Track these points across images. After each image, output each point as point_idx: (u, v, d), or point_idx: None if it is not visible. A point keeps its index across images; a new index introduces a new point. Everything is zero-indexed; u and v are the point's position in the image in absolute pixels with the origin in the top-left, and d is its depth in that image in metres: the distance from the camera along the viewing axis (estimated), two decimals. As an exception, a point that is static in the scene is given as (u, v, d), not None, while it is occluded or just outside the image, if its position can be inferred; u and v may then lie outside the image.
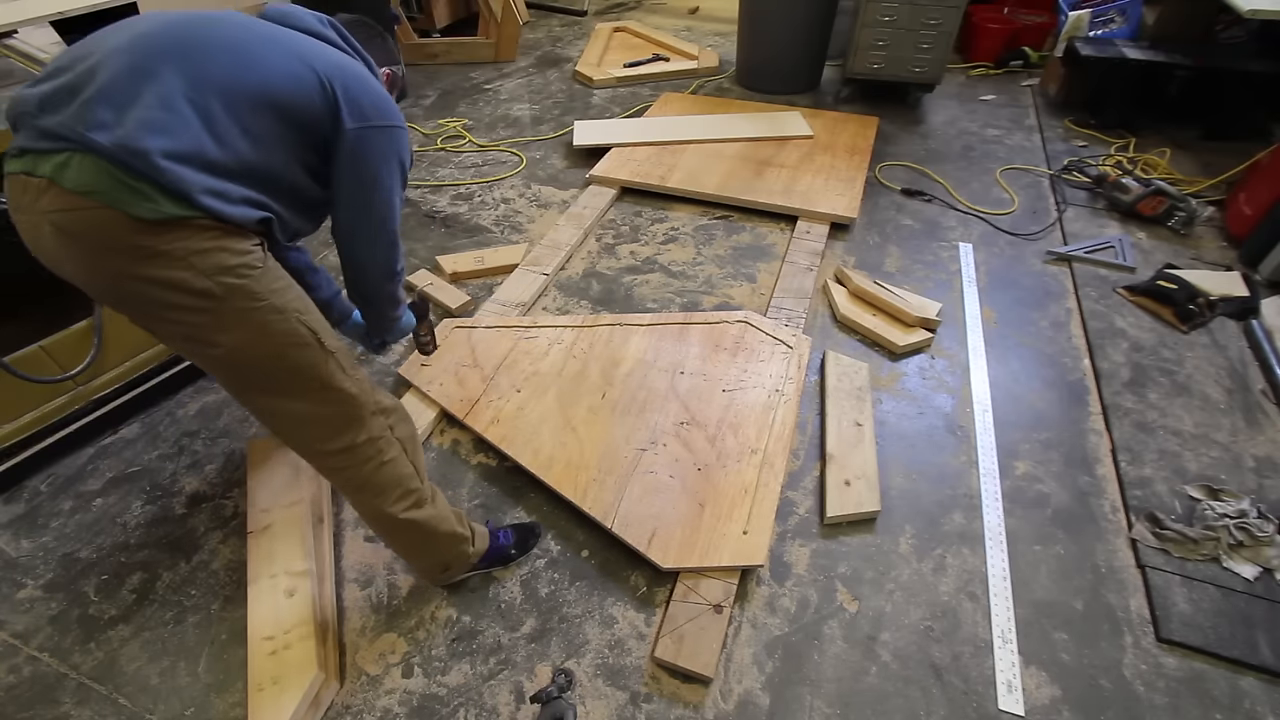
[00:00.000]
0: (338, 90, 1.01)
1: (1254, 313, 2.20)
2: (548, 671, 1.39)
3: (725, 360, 2.01)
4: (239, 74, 0.94)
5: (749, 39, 3.67)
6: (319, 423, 1.13)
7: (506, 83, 3.97)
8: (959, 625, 1.46)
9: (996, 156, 3.17)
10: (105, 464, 1.80)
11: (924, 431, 1.88)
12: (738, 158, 3.01)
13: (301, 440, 1.17)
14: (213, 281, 0.93)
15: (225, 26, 0.99)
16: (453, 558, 1.41)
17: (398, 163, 1.13)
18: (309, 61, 1.00)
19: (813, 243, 2.54)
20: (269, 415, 1.13)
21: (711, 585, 1.48)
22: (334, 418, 1.13)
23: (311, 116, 1.00)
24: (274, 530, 1.57)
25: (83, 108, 0.87)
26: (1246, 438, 1.85)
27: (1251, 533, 1.57)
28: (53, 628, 1.46)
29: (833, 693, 1.36)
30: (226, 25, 0.99)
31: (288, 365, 1.05)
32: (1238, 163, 2.73)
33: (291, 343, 1.04)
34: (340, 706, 1.34)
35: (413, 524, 1.28)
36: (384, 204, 1.13)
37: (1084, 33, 3.39)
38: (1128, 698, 1.35)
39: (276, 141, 0.98)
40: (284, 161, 1.01)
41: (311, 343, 1.06)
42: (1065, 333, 2.21)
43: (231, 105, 0.93)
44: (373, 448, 1.18)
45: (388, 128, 1.09)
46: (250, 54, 0.96)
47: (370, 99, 1.06)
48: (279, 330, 1.02)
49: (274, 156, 0.99)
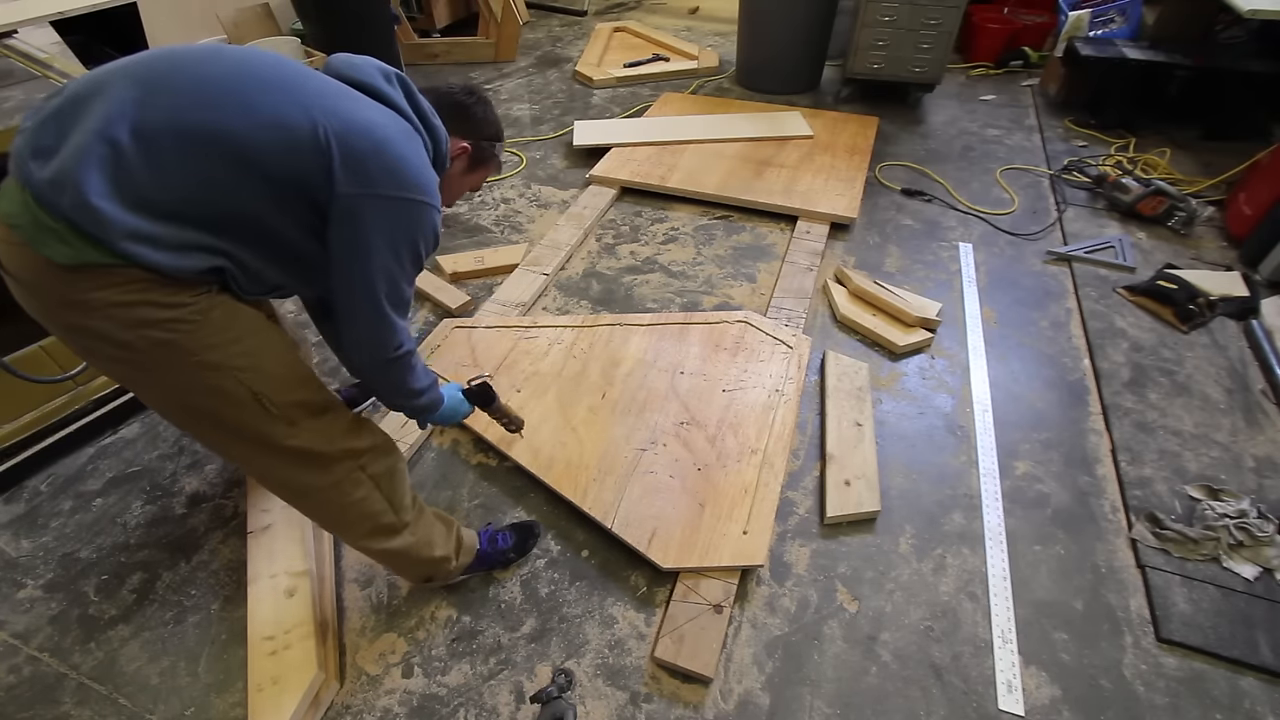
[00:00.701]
0: (335, 149, 0.90)
1: (1254, 313, 2.20)
2: (548, 671, 1.39)
3: (725, 360, 2.01)
4: (203, 114, 0.85)
5: (749, 39, 3.67)
6: (269, 469, 1.09)
7: (506, 83, 3.97)
8: (959, 625, 1.46)
9: (996, 156, 3.17)
10: (105, 464, 1.80)
11: (924, 431, 1.88)
12: (738, 158, 3.01)
13: (257, 476, 1.14)
14: (134, 334, 0.86)
15: (222, 64, 0.91)
16: (435, 572, 1.40)
17: (407, 240, 0.99)
18: (313, 114, 0.90)
19: (813, 243, 2.54)
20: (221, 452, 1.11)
21: (711, 585, 1.48)
22: (285, 467, 1.08)
23: (297, 172, 0.90)
24: (274, 530, 1.57)
25: (34, 129, 0.83)
26: (1246, 438, 1.85)
27: (1251, 533, 1.57)
28: (53, 628, 1.46)
29: (833, 693, 1.36)
30: (224, 63, 0.91)
31: (223, 421, 0.99)
32: (1238, 163, 2.73)
33: (226, 402, 0.96)
34: (340, 706, 1.34)
35: (385, 553, 1.28)
36: (377, 280, 0.99)
37: (1084, 33, 3.39)
38: (1128, 698, 1.35)
39: (246, 191, 0.88)
40: (258, 213, 0.91)
41: (248, 403, 0.97)
42: (1065, 333, 2.21)
43: (186, 145, 0.84)
44: (335, 491, 1.14)
45: (401, 199, 0.96)
46: (234, 96, 0.88)
47: (383, 164, 0.93)
48: (210, 386, 0.94)
49: (242, 205, 0.89)
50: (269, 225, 0.93)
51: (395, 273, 1.00)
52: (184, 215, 0.85)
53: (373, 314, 1.01)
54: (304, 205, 0.93)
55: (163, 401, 0.99)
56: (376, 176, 0.93)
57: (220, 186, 0.87)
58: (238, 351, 0.95)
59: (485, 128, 1.21)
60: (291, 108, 0.90)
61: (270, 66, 0.93)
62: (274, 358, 1.01)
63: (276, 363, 1.01)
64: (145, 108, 0.83)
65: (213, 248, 0.88)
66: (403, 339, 1.07)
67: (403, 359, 1.09)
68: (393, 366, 1.09)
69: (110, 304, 0.84)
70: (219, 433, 1.02)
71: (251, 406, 0.98)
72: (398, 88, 1.04)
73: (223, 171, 0.86)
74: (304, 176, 0.90)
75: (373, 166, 0.93)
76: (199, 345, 0.91)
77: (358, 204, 0.93)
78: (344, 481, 1.13)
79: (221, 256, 0.90)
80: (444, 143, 1.09)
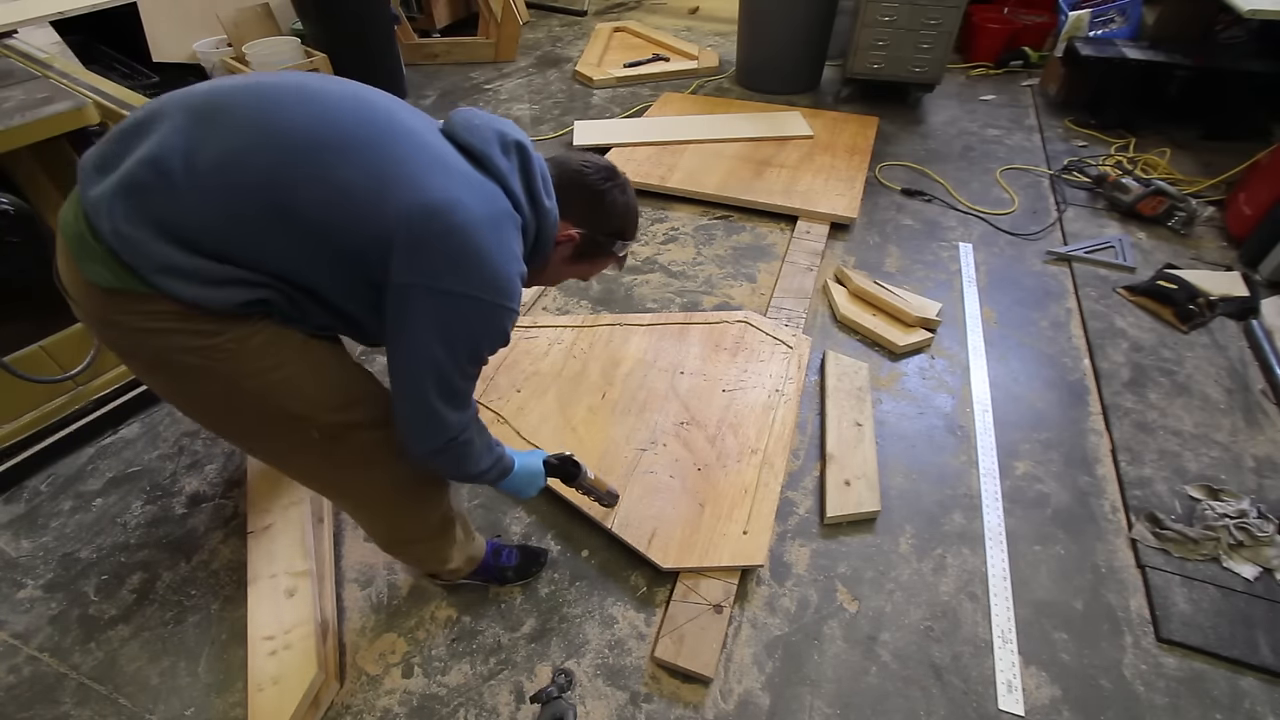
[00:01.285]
0: (400, 230, 0.81)
1: (1254, 313, 2.20)
2: (548, 671, 1.38)
3: (725, 360, 2.01)
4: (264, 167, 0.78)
5: (749, 39, 3.67)
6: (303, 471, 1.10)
7: (506, 83, 3.97)
8: (959, 625, 1.46)
9: (996, 156, 3.17)
10: (105, 464, 1.80)
11: (924, 431, 1.88)
12: (738, 158, 3.01)
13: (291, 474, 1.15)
14: (170, 358, 0.84)
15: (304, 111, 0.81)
16: (441, 573, 1.41)
17: (466, 341, 0.90)
18: (388, 187, 0.81)
19: (813, 243, 2.54)
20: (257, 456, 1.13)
21: (711, 585, 1.48)
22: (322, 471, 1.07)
23: (355, 248, 0.82)
24: (274, 530, 1.57)
25: (107, 141, 0.81)
26: (1246, 438, 1.85)
27: (1251, 533, 1.57)
28: (53, 628, 1.46)
29: (833, 693, 1.36)
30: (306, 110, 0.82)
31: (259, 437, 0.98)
32: (1238, 163, 2.73)
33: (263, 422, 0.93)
34: (340, 706, 1.34)
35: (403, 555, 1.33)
36: (424, 374, 0.89)
37: (1084, 33, 3.39)
38: (1128, 698, 1.35)
39: (296, 254, 0.82)
40: (310, 276, 0.84)
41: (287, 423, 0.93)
42: (1065, 333, 2.21)
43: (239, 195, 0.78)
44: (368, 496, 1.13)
45: (466, 296, 0.85)
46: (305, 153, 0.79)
47: (454, 254, 0.83)
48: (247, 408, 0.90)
49: (291, 267, 0.83)
50: (325, 289, 0.86)
51: (447, 369, 0.90)
52: (228, 257, 0.79)
53: (419, 406, 0.92)
54: (363, 282, 0.85)
55: (198, 415, 0.97)
56: (441, 267, 0.83)
57: (272, 243, 0.80)
58: (278, 379, 0.88)
59: (609, 221, 1.07)
60: (365, 176, 0.81)
61: (357, 120, 0.83)
62: (320, 383, 0.94)
63: (323, 387, 0.94)
64: (204, 144, 0.78)
65: (256, 282, 0.81)
66: (453, 432, 0.96)
67: (450, 449, 0.98)
68: (440, 455, 0.99)
69: (146, 329, 0.81)
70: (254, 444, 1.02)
71: (290, 426, 0.93)
72: (514, 159, 0.93)
73: (275, 229, 0.80)
74: (362, 254, 0.82)
75: (440, 256, 0.83)
76: (236, 373, 0.85)
77: (413, 295, 0.84)
78: (380, 491, 1.10)
79: (266, 289, 0.82)
80: (552, 228, 0.99)
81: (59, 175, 1.56)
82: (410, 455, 0.99)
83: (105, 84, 1.67)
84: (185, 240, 0.77)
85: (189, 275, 0.78)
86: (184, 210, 0.77)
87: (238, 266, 0.80)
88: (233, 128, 0.79)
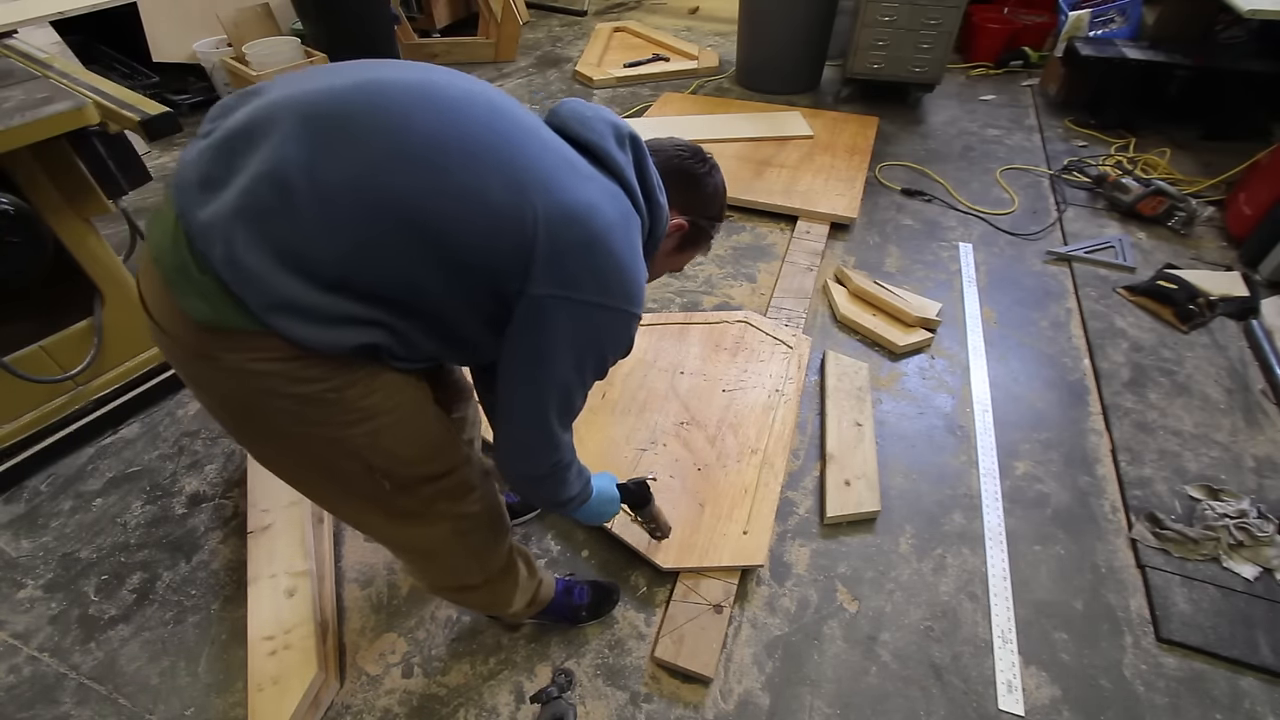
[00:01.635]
0: (541, 240, 0.75)
1: (1254, 313, 2.20)
2: (548, 671, 1.38)
3: (725, 360, 2.01)
4: (394, 177, 0.71)
5: (749, 39, 3.67)
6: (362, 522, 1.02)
7: (506, 83, 3.97)
8: (959, 625, 1.46)
9: (996, 156, 3.17)
10: (105, 464, 1.80)
11: (924, 431, 1.88)
12: (738, 158, 3.01)
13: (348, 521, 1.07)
14: (258, 401, 0.76)
15: (430, 114, 0.74)
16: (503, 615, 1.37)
17: (595, 353, 0.85)
18: (525, 191, 0.75)
19: (813, 243, 2.54)
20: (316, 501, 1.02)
21: (711, 585, 1.48)
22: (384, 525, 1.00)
23: (490, 260, 0.76)
24: (274, 530, 1.57)
25: (207, 150, 0.72)
26: (1246, 438, 1.85)
27: (1251, 533, 1.57)
28: (53, 628, 1.46)
29: (833, 693, 1.36)
30: (433, 112, 0.75)
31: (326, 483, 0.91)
32: (1238, 163, 2.73)
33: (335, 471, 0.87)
34: (340, 706, 1.34)
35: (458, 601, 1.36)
36: (549, 394, 0.86)
37: (1084, 33, 3.39)
38: (1128, 698, 1.35)
39: (426, 271, 0.75)
40: (435, 295, 0.77)
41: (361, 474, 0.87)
42: (1065, 333, 2.21)
43: (366, 210, 0.71)
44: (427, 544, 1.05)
45: (603, 307, 0.81)
46: (434, 160, 0.73)
47: (594, 263, 0.79)
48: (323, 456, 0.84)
49: (418, 285, 0.75)
50: (443, 308, 0.79)
51: (573, 387, 0.87)
52: (346, 285, 0.72)
53: (535, 423, 0.88)
54: (489, 295, 0.79)
55: (266, 454, 0.89)
56: (582, 278, 0.79)
57: (396, 261, 0.73)
58: (362, 431, 0.82)
59: (710, 205, 1.05)
60: (499, 182, 0.75)
61: (484, 122, 0.77)
62: (407, 437, 0.88)
63: (408, 442, 0.89)
64: (327, 156, 0.70)
65: (370, 321, 0.75)
66: (562, 454, 0.94)
67: (556, 474, 0.96)
68: (545, 482, 0.97)
69: (240, 370, 0.73)
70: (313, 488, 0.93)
71: (364, 478, 0.88)
72: (629, 153, 0.88)
73: (403, 246, 0.73)
74: (497, 266, 0.76)
75: (581, 265, 0.78)
76: (327, 422, 0.80)
77: (551, 306, 0.79)
78: (440, 540, 1.03)
79: (378, 330, 0.76)
80: (664, 223, 0.94)
81: (59, 175, 1.56)
82: (510, 477, 0.96)
83: (105, 84, 1.67)
84: (306, 269, 0.70)
85: (305, 312, 0.70)
86: (307, 234, 0.70)
87: (353, 298, 0.73)
88: (357, 137, 0.72)
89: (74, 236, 1.64)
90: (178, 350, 0.77)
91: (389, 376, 0.83)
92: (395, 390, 0.84)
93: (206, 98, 3.55)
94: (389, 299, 0.75)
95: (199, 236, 0.69)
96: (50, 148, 1.48)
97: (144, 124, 1.53)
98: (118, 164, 1.60)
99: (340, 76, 0.76)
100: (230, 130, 0.73)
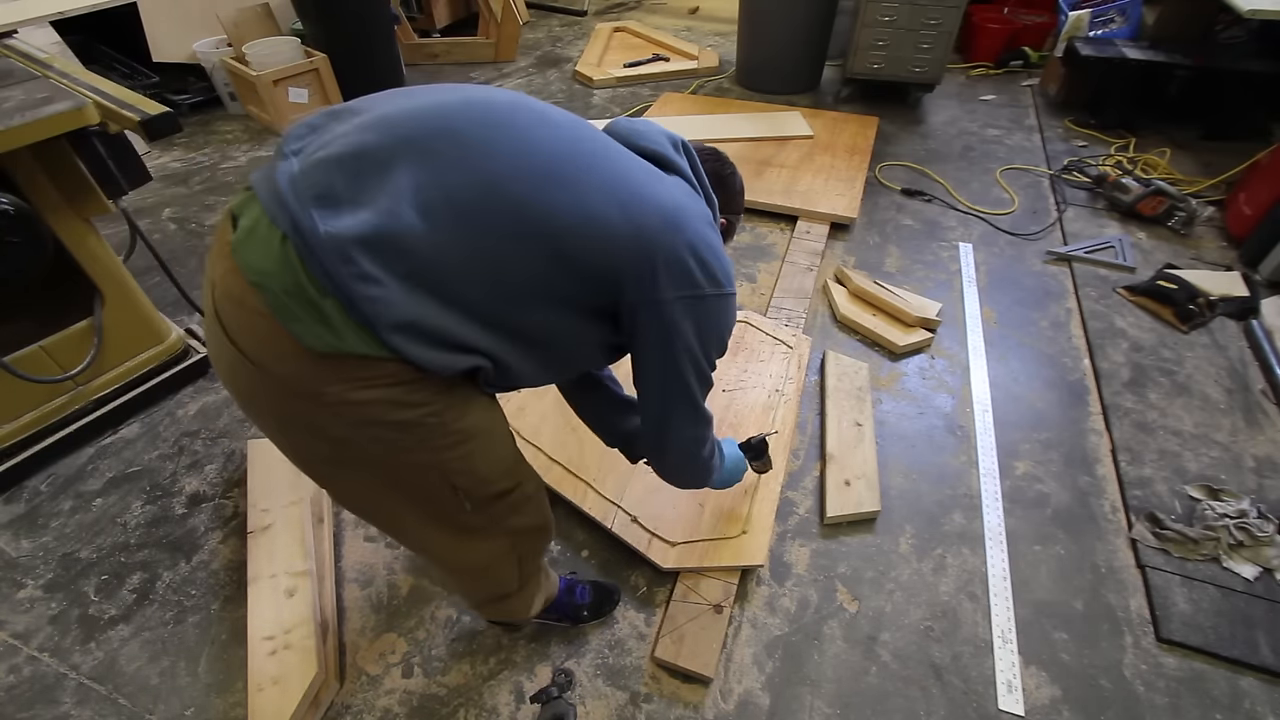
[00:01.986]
0: (657, 248, 0.80)
1: (1254, 313, 2.20)
2: (548, 671, 1.39)
3: (725, 360, 2.01)
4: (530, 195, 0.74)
5: (749, 39, 3.67)
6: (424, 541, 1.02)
7: (506, 83, 3.97)
8: (959, 625, 1.46)
9: (996, 156, 3.17)
10: (105, 464, 1.80)
11: (924, 431, 1.88)
12: (737, 158, 2.99)
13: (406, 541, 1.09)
14: (355, 432, 0.76)
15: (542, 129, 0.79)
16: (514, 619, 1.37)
17: (716, 336, 0.92)
18: (624, 204, 0.79)
19: (813, 243, 2.54)
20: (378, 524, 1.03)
21: (711, 585, 1.48)
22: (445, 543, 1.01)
23: (609, 272, 0.79)
24: (274, 530, 1.57)
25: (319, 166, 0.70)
26: (1246, 438, 1.85)
27: (1251, 533, 1.57)
28: (53, 628, 1.46)
29: (833, 693, 1.36)
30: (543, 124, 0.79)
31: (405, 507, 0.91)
32: (1238, 163, 2.73)
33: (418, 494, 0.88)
34: (340, 706, 1.34)
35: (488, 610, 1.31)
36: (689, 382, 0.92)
37: (1084, 33, 3.39)
38: (1128, 698, 1.35)
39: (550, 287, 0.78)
40: (552, 311, 0.80)
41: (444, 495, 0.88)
42: (1065, 333, 2.21)
43: (505, 231, 0.73)
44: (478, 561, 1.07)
45: (715, 297, 0.87)
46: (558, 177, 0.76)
47: (701, 259, 0.84)
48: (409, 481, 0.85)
49: (540, 301, 0.78)
50: (554, 324, 0.81)
51: (704, 367, 0.93)
52: (472, 307, 0.73)
53: (687, 410, 0.97)
54: (600, 306, 0.83)
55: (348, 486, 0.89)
56: (697, 276, 0.84)
57: (527, 282, 0.76)
58: (453, 455, 0.84)
59: (735, 202, 1.11)
60: (604, 196, 0.78)
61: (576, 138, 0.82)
62: (488, 459, 0.91)
63: (489, 462, 0.91)
64: (463, 172, 0.72)
65: (480, 348, 0.76)
66: (710, 429, 1.06)
67: (710, 451, 1.10)
68: (703, 469, 1.11)
69: (344, 401, 0.71)
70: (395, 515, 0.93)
71: (448, 499, 0.89)
72: (684, 156, 0.94)
73: (534, 263, 0.75)
74: (616, 277, 0.80)
75: (692, 264, 0.83)
76: (418, 446, 0.80)
77: (676, 308, 0.83)
78: (497, 555, 1.06)
79: (484, 357, 0.77)
80: (717, 215, 1.00)
81: (59, 175, 1.56)
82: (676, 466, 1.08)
83: (105, 84, 1.67)
84: (439, 290, 0.71)
85: (429, 336, 0.71)
86: (443, 257, 0.71)
87: (474, 324, 0.74)
88: (484, 152, 0.74)
89: (74, 236, 1.64)
90: (274, 387, 0.73)
91: (480, 399, 0.85)
92: (484, 411, 0.87)
93: (206, 98, 3.55)
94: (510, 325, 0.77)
95: (324, 254, 0.66)
96: (50, 148, 1.48)
97: (144, 124, 1.53)
98: (118, 164, 1.60)
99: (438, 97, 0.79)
100: (351, 148, 0.72)
